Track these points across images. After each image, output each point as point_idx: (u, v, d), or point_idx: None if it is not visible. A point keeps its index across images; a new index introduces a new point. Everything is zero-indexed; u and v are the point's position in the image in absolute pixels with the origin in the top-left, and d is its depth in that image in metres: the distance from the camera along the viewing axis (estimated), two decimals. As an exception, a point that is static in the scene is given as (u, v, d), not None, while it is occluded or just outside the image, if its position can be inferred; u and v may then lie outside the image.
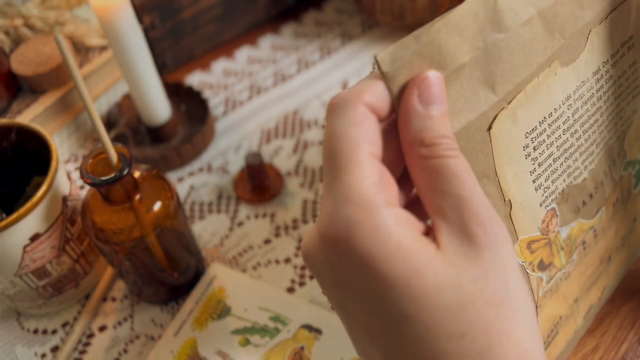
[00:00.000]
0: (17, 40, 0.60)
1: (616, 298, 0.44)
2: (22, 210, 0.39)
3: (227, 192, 0.55)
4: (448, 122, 0.24)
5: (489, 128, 0.26)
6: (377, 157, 0.23)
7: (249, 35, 0.70)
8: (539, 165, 0.29)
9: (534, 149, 0.29)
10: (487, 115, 0.26)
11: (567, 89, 0.30)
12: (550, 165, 0.30)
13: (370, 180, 0.22)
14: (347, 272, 0.23)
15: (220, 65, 0.67)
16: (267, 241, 0.51)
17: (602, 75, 0.32)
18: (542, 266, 0.32)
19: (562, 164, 0.31)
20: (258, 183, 0.53)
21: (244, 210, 0.53)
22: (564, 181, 0.31)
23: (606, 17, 0.30)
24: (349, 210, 0.22)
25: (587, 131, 0.32)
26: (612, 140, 0.34)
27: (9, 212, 0.42)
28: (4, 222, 0.38)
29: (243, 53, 0.68)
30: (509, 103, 0.27)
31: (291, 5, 0.72)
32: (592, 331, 0.43)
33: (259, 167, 0.51)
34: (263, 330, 0.44)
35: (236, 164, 0.57)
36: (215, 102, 0.63)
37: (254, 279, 0.48)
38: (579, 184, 0.33)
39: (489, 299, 0.22)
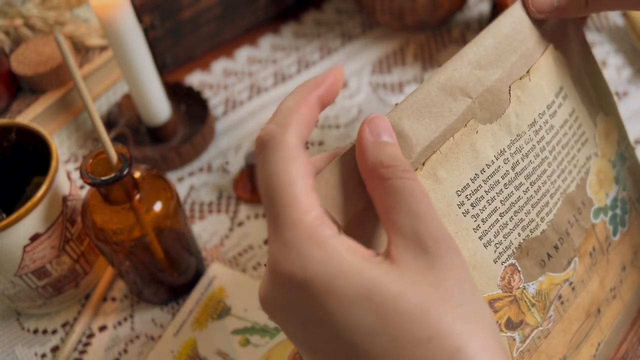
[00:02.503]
0: (17, 40, 0.60)
1: (616, 298, 0.44)
2: (22, 210, 0.39)
3: (227, 192, 0.55)
4: (400, 151, 0.26)
5: None
6: (314, 188, 0.24)
7: (249, 35, 0.70)
8: (482, 221, 0.29)
9: (472, 205, 0.29)
10: None
11: (498, 144, 0.30)
12: (497, 220, 0.30)
13: (313, 214, 0.23)
14: (307, 304, 0.23)
15: (220, 65, 0.67)
16: (267, 241, 0.51)
17: (541, 126, 0.32)
18: (512, 325, 0.31)
19: (512, 217, 0.30)
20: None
21: (244, 210, 0.53)
22: (519, 235, 0.31)
23: (527, 72, 0.31)
24: (299, 246, 0.23)
25: (535, 182, 0.32)
26: (571, 188, 0.34)
27: (9, 212, 0.42)
28: (4, 222, 0.38)
29: (243, 53, 0.68)
30: (423, 164, 0.28)
31: (291, 5, 0.72)
32: (592, 331, 0.43)
33: (259, 167, 0.51)
34: (263, 330, 0.44)
35: (236, 164, 0.57)
36: (215, 102, 0.63)
37: (254, 279, 0.48)
38: (537, 236, 0.32)
39: (449, 302, 0.22)
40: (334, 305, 0.22)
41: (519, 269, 0.31)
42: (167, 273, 0.45)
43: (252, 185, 0.53)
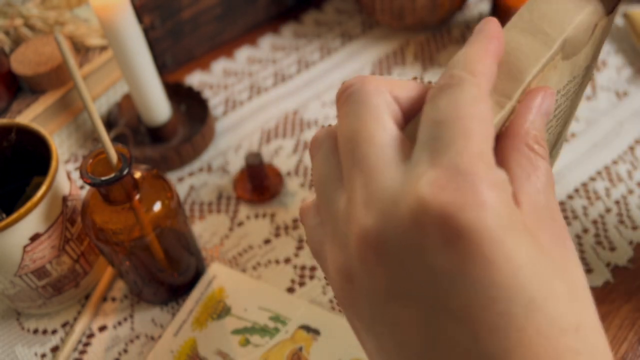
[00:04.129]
0: (17, 40, 0.60)
1: (616, 298, 0.44)
2: (22, 210, 0.39)
3: (227, 192, 0.55)
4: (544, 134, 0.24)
5: None
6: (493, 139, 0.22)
7: (249, 35, 0.70)
8: None
9: None
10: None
11: (560, 83, 0.28)
12: None
13: (493, 160, 0.20)
14: (464, 250, 0.19)
15: (220, 65, 0.67)
16: (267, 241, 0.51)
17: (588, 71, 0.31)
18: None
19: None
20: (258, 183, 0.53)
21: (244, 210, 0.53)
22: None
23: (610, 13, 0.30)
24: (480, 180, 0.19)
25: (558, 126, 0.31)
26: (561, 129, 0.34)
27: (9, 212, 0.42)
28: (4, 222, 0.38)
29: (243, 53, 0.68)
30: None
31: (291, 5, 0.72)
32: (592, 331, 0.43)
33: (259, 167, 0.51)
34: (263, 330, 0.44)
35: (236, 164, 0.57)
36: (215, 102, 0.63)
37: (254, 279, 0.48)
38: None
39: (584, 297, 0.21)
40: (502, 262, 0.19)
41: None
42: (167, 273, 0.45)
43: (252, 185, 0.53)
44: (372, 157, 0.21)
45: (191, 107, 0.60)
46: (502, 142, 0.23)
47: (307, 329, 0.44)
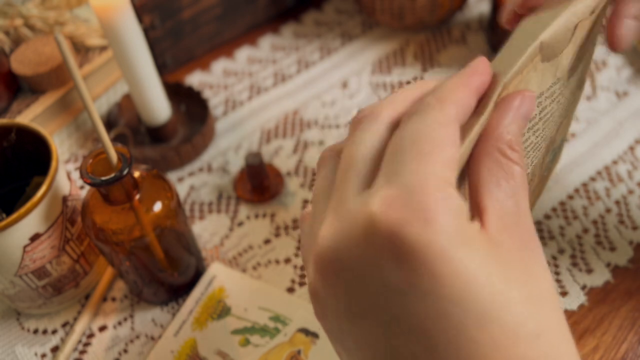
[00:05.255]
0: (17, 40, 0.60)
1: (616, 298, 0.44)
2: (22, 210, 0.39)
3: (227, 192, 0.55)
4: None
5: None
6: (455, 160, 0.22)
7: (249, 35, 0.70)
8: None
9: None
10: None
11: (543, 85, 0.28)
12: None
13: (447, 178, 0.21)
14: (413, 265, 0.19)
15: (220, 65, 0.67)
16: (267, 241, 0.51)
17: (572, 73, 0.31)
18: None
19: None
20: (258, 183, 0.53)
21: (244, 210, 0.53)
22: None
23: (590, 14, 0.30)
24: (427, 197, 0.20)
25: (545, 129, 0.31)
26: (553, 132, 0.34)
27: (9, 212, 0.42)
28: (4, 222, 0.38)
29: (243, 53, 0.68)
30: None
31: (291, 5, 0.72)
32: (592, 331, 0.43)
33: (259, 167, 0.51)
34: (263, 330, 0.44)
35: (236, 164, 0.57)
36: (215, 102, 0.63)
37: (254, 279, 0.48)
38: None
39: (549, 301, 0.21)
40: (451, 276, 0.19)
41: None
42: (167, 273, 0.45)
43: (252, 185, 0.53)
44: (348, 181, 0.23)
45: (191, 107, 0.60)
46: (476, 147, 0.24)
47: (305, 332, 0.44)
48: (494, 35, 0.63)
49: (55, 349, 0.46)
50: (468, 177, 0.24)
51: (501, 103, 0.24)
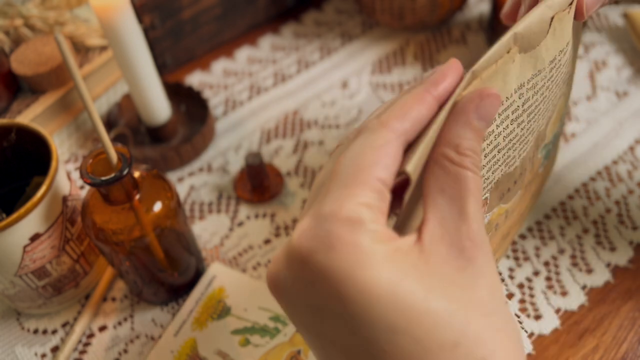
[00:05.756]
0: (17, 40, 0.60)
1: (616, 298, 0.44)
2: (22, 210, 0.39)
3: (227, 192, 0.55)
4: (479, 145, 0.24)
5: None
6: (385, 182, 0.23)
7: (249, 35, 0.70)
8: (484, 157, 0.29)
9: (484, 140, 0.28)
10: None
11: (521, 77, 0.29)
12: (494, 156, 0.29)
13: (364, 200, 0.22)
14: (324, 289, 0.21)
15: (220, 65, 0.67)
16: (267, 241, 0.51)
17: (556, 64, 0.31)
18: None
19: (505, 154, 0.30)
20: (258, 183, 0.53)
21: (244, 210, 0.53)
22: (501, 171, 0.31)
23: (569, 6, 0.30)
24: (332, 223, 0.21)
25: (531, 120, 0.31)
26: (542, 126, 0.34)
27: (9, 212, 0.42)
28: (4, 222, 0.38)
29: (243, 53, 0.68)
30: (464, 89, 0.26)
31: (291, 5, 0.72)
32: (592, 331, 0.43)
33: (259, 167, 0.51)
34: (263, 330, 0.44)
35: (236, 164, 0.57)
36: (215, 102, 0.63)
37: (254, 279, 0.48)
38: (510, 172, 0.32)
39: (478, 309, 0.21)
40: (356, 296, 0.20)
41: (488, 202, 0.32)
42: (167, 273, 0.45)
43: (252, 185, 0.53)
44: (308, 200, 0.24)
45: (191, 107, 0.60)
46: (429, 155, 0.24)
47: (307, 329, 0.44)
48: (494, 35, 0.63)
49: (55, 349, 0.46)
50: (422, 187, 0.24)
51: (457, 106, 0.24)
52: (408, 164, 0.23)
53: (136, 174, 0.41)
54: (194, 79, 0.66)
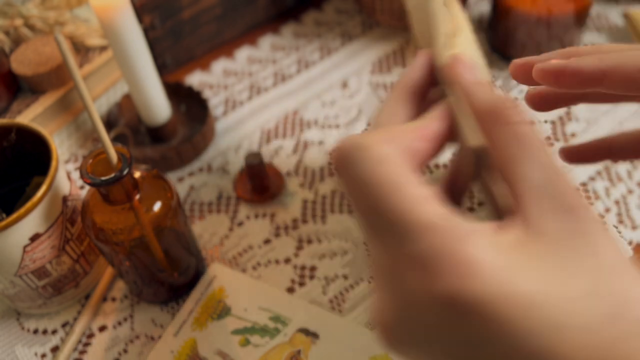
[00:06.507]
0: (17, 40, 0.60)
1: (616, 298, 0.44)
2: (22, 210, 0.39)
3: (227, 192, 0.55)
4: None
5: None
6: (420, 161, 0.22)
7: (249, 35, 0.70)
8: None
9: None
10: None
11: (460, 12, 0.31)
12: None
13: (439, 210, 0.20)
14: (473, 327, 0.19)
15: (220, 65, 0.67)
16: (267, 241, 0.51)
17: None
18: None
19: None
20: (258, 183, 0.53)
21: (244, 210, 0.53)
22: None
23: None
24: (448, 256, 0.19)
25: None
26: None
27: (9, 212, 0.42)
28: (4, 222, 0.38)
29: (243, 53, 0.68)
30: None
31: (291, 5, 0.72)
32: (592, 331, 0.43)
33: (259, 167, 0.51)
34: (263, 330, 0.44)
35: (236, 164, 0.57)
36: (215, 102, 0.63)
37: (254, 279, 0.48)
38: None
39: (620, 263, 0.19)
40: (509, 323, 0.18)
41: None
42: (167, 273, 0.45)
43: (252, 185, 0.53)
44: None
45: (191, 107, 0.60)
46: (483, 126, 0.22)
47: (305, 332, 0.44)
48: (494, 35, 0.63)
49: (55, 349, 0.46)
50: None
51: (457, 87, 0.23)
52: (469, 139, 0.22)
53: (136, 174, 0.41)
54: (194, 79, 0.66)
